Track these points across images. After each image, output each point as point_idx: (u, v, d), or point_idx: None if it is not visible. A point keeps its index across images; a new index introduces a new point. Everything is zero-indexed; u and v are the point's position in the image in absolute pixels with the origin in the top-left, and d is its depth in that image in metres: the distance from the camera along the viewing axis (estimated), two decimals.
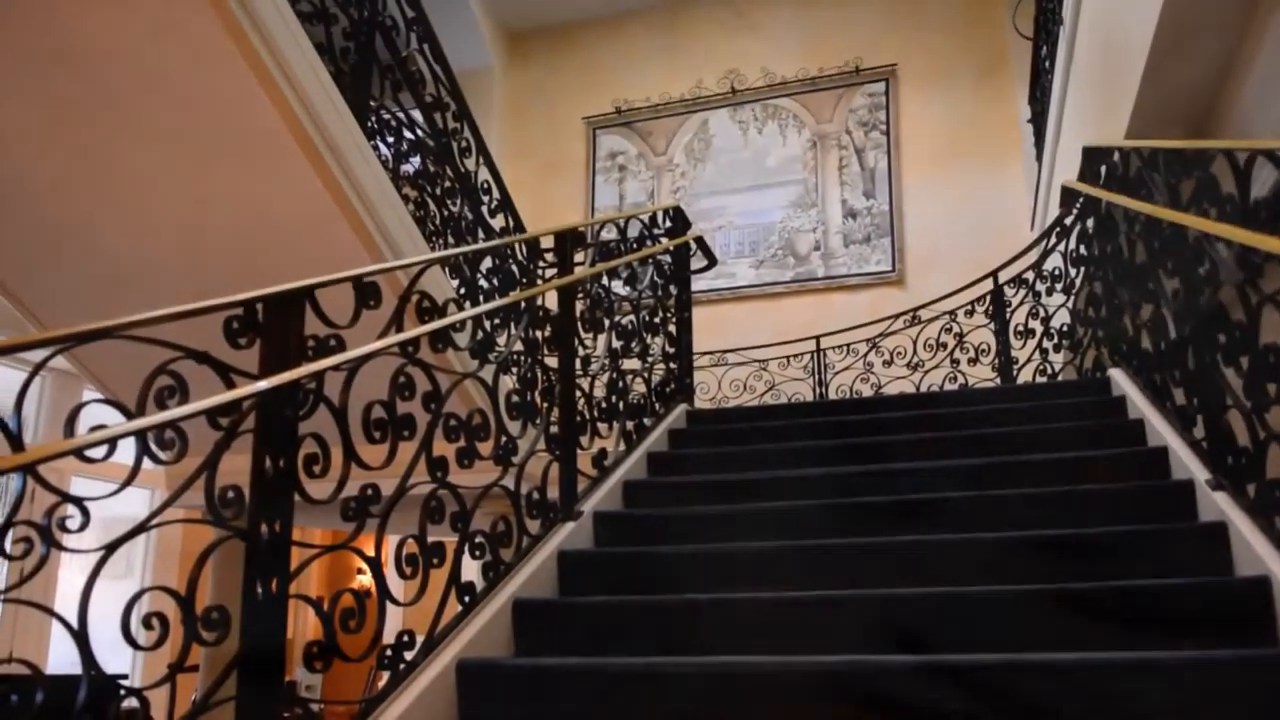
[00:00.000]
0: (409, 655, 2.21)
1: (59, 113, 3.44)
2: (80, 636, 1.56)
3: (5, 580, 7.68)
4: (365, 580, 10.48)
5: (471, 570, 2.51)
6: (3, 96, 3.40)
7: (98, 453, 1.59)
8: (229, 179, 3.63)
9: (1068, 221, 4.64)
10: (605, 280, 3.84)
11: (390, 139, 4.22)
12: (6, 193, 3.79)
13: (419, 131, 4.41)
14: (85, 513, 1.57)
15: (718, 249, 8.57)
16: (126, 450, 1.63)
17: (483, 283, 4.48)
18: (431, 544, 2.30)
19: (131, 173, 3.66)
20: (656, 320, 4.37)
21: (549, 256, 4.68)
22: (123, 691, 1.71)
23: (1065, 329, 4.95)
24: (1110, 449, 3.22)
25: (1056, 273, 4.85)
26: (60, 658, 7.36)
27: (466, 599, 2.48)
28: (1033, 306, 5.28)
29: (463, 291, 4.28)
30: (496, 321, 3.96)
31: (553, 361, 3.23)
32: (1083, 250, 4.45)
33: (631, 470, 3.63)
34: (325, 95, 3.48)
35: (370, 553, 2.23)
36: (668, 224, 4.84)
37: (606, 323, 3.74)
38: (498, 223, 5.02)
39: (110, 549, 1.59)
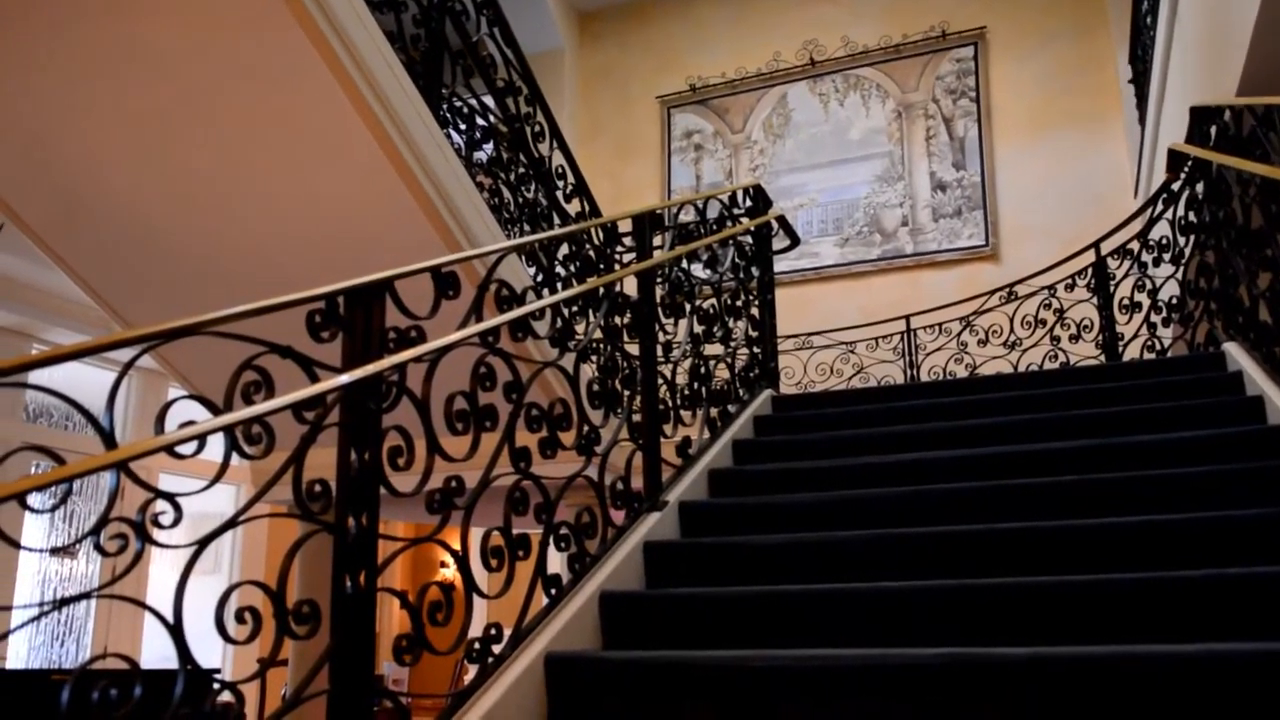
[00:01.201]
0: (497, 648, 2.25)
1: (133, 113, 3.56)
2: (176, 631, 1.62)
3: (99, 577, 8.02)
4: (448, 574, 10.67)
5: (556, 562, 2.54)
6: (78, 98, 3.54)
7: (187, 449, 1.65)
8: (304, 174, 3.72)
9: (1175, 187, 4.49)
10: (685, 263, 3.84)
11: (463, 126, 4.28)
12: (87, 195, 3.94)
13: (491, 117, 4.46)
14: (177, 508, 1.63)
15: (800, 228, 8.51)
16: (212, 448, 1.69)
17: (559, 270, 4.51)
18: (516, 536, 2.33)
19: (207, 171, 3.77)
20: (738, 303, 4.35)
21: (626, 241, 4.70)
22: (217, 685, 1.77)
23: (1174, 301, 4.79)
24: (1227, 427, 3.11)
25: (1164, 242, 4.70)
26: (152, 653, 7.66)
27: (552, 591, 2.51)
28: (1138, 279, 5.12)
29: (540, 279, 4.32)
30: (575, 309, 3.98)
31: (633, 348, 3.24)
32: (1192, 217, 4.31)
33: (716, 458, 3.63)
34: (398, 85, 3.54)
35: (455, 545, 2.27)
36: (748, 203, 4.82)
37: (687, 307, 3.74)
38: (573, 208, 5.05)
39: (203, 544, 1.65)
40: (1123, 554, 2.46)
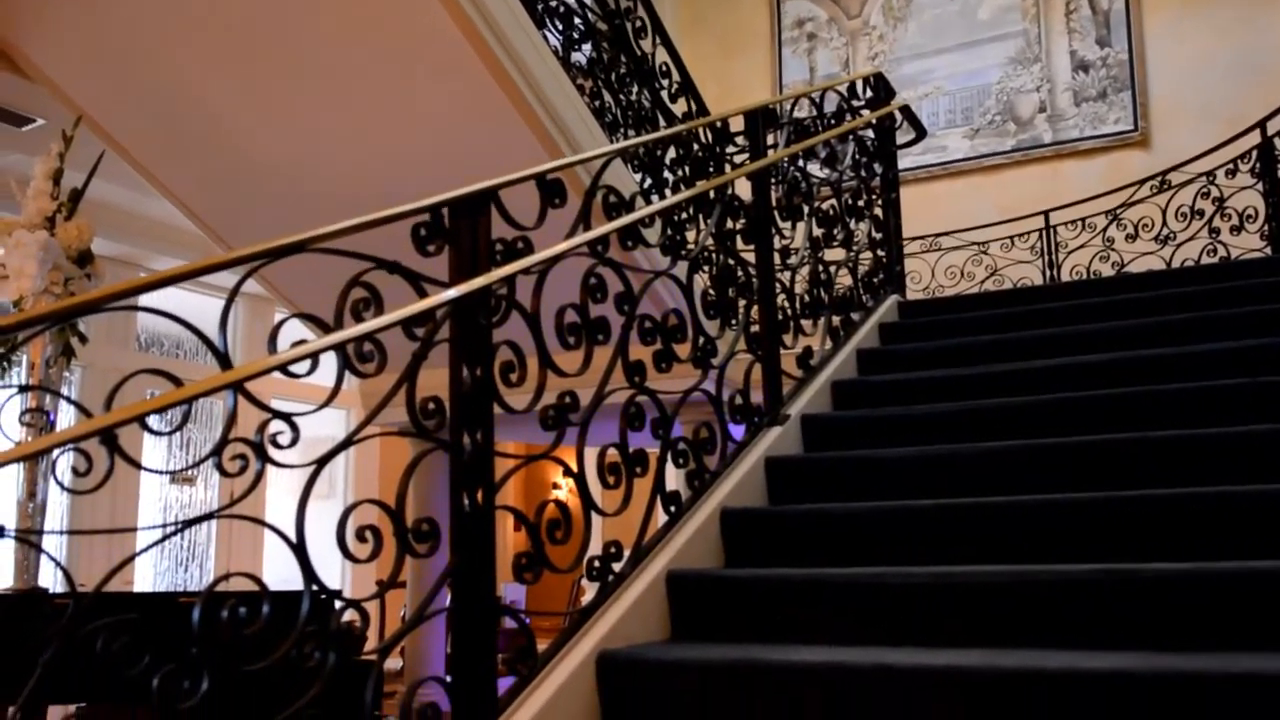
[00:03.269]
0: (617, 566, 2.30)
1: (230, 36, 3.64)
2: (299, 549, 1.71)
3: (217, 503, 8.47)
4: (561, 495, 10.93)
5: (674, 479, 2.57)
6: (175, 20, 3.62)
7: (301, 368, 1.72)
8: (399, 87, 3.76)
9: None
10: (801, 162, 3.77)
11: (559, 25, 4.24)
12: (188, 122, 4.06)
13: (590, 14, 4.41)
14: (294, 428, 1.70)
15: (925, 119, 8.22)
16: (322, 371, 1.75)
17: (667, 175, 4.48)
18: (633, 452, 2.37)
19: (304, 92, 3.84)
20: (860, 204, 4.27)
21: (738, 141, 4.63)
22: (341, 605, 1.86)
23: None
24: None
25: None
26: (271, 576, 8.08)
27: (672, 509, 2.55)
28: None
29: (648, 184, 4.30)
30: (685, 215, 3.96)
31: (748, 255, 3.21)
32: None
33: (840, 369, 3.60)
34: None
35: (570, 464, 2.31)
36: (868, 94, 4.69)
37: (805, 209, 3.68)
38: (679, 108, 4.99)
39: (323, 462, 1.72)
40: None
